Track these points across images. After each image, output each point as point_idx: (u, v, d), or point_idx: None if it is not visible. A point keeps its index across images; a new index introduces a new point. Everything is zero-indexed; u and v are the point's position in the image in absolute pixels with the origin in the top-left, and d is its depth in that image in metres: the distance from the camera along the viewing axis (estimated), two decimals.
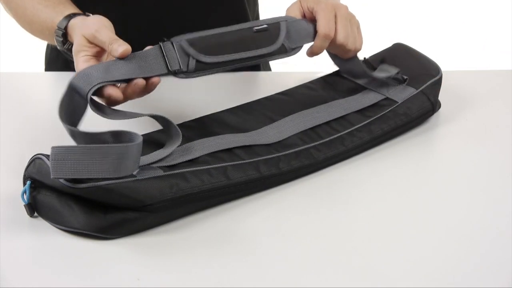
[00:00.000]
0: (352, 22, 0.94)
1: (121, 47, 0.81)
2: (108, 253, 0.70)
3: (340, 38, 0.92)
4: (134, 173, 0.72)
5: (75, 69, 0.84)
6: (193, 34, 0.84)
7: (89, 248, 0.71)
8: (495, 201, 0.81)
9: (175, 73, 0.82)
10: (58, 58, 1.21)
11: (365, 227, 0.75)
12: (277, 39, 0.88)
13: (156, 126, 0.84)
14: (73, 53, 0.86)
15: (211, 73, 0.85)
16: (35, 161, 0.74)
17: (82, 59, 0.84)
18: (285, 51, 0.89)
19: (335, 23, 0.92)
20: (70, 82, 0.77)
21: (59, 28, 0.91)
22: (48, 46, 1.25)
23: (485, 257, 0.71)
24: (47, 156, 0.73)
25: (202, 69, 0.84)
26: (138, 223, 0.73)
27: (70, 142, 0.76)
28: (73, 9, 0.94)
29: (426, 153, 0.94)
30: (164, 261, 0.70)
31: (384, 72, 0.98)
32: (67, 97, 0.77)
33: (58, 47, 0.94)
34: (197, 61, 0.83)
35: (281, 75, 0.97)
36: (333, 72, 1.03)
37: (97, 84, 0.77)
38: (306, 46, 0.93)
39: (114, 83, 0.79)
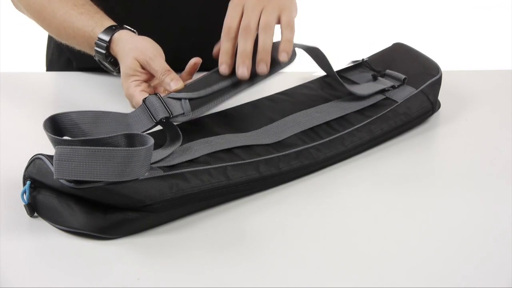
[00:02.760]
0: (265, 3, 0.87)
1: (175, 83, 0.85)
2: (108, 253, 0.70)
3: (242, 23, 0.85)
4: None
5: (126, 91, 0.88)
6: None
7: (89, 248, 0.71)
8: (495, 201, 0.81)
9: (162, 121, 0.81)
10: (60, 58, 1.21)
11: (365, 227, 0.75)
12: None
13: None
14: (122, 74, 0.89)
15: (212, 107, 0.85)
16: (35, 161, 0.74)
17: (133, 84, 0.87)
18: (276, 63, 0.89)
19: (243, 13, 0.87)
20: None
21: (101, 40, 0.92)
22: (49, 46, 1.25)
23: (485, 257, 0.71)
24: (47, 156, 0.73)
25: (199, 105, 0.84)
26: (138, 223, 0.73)
27: None
28: (110, 20, 0.96)
29: (426, 153, 0.94)
30: (164, 261, 0.70)
31: (390, 79, 0.98)
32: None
33: (96, 57, 0.96)
34: (190, 99, 0.83)
35: (281, 75, 0.97)
36: None
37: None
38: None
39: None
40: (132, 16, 0.98)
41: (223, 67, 0.87)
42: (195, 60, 0.89)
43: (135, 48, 0.89)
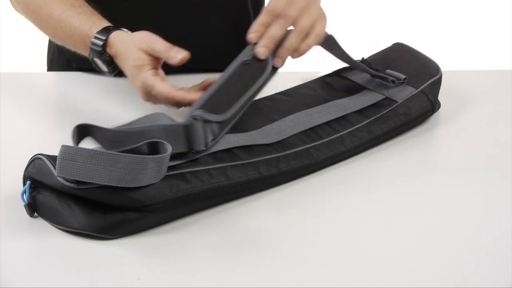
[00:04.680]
0: (309, 3, 0.89)
1: (179, 53, 0.86)
2: (108, 253, 0.70)
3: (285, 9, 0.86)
4: None
5: (143, 81, 0.87)
6: (202, 97, 0.83)
7: (89, 248, 0.71)
8: (495, 201, 0.81)
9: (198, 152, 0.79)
10: (60, 58, 1.22)
11: (365, 227, 0.76)
12: (267, 65, 0.88)
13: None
14: (131, 68, 0.89)
15: (232, 124, 0.84)
16: (35, 161, 0.74)
17: (150, 73, 0.88)
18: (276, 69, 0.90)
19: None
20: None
21: (98, 38, 0.93)
22: (50, 46, 1.25)
23: (485, 257, 0.71)
24: (47, 156, 0.73)
25: (224, 127, 0.82)
26: (138, 223, 0.73)
27: (70, 142, 0.76)
28: (107, 21, 0.96)
29: (426, 153, 0.94)
30: (164, 261, 0.70)
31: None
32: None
33: (90, 56, 0.96)
34: (217, 123, 0.81)
35: (281, 75, 0.97)
36: (333, 72, 1.03)
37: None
38: None
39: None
40: (130, 17, 0.98)
41: (252, 35, 0.88)
42: (212, 81, 0.90)
43: (135, 41, 0.90)
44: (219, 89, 0.85)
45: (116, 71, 0.95)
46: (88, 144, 0.77)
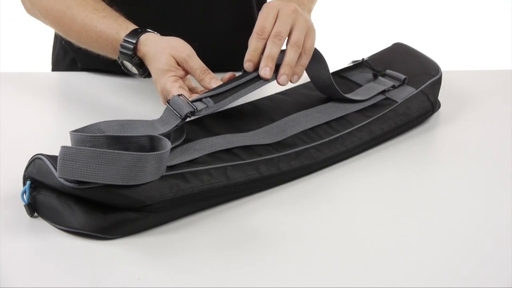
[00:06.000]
0: (297, 17, 0.88)
1: (214, 82, 0.87)
2: (108, 253, 0.70)
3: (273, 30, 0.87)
4: None
5: (162, 86, 0.88)
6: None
7: (89, 248, 0.71)
8: (495, 201, 0.81)
9: (188, 116, 0.79)
10: (65, 58, 1.21)
11: (365, 227, 0.75)
12: None
13: None
14: (156, 71, 0.90)
15: (236, 98, 0.84)
16: (35, 161, 0.74)
17: (171, 79, 0.88)
18: None
19: (276, 20, 0.88)
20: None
21: (127, 42, 0.93)
22: (55, 46, 1.25)
23: (485, 257, 0.71)
24: (47, 156, 0.73)
25: (221, 99, 0.83)
26: (138, 223, 0.73)
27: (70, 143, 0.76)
28: (133, 24, 0.96)
29: (426, 153, 0.94)
30: (164, 261, 0.70)
31: (390, 78, 0.98)
32: None
33: (120, 59, 0.95)
34: (210, 96, 0.83)
35: None
36: (333, 72, 1.03)
37: None
38: None
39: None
40: (135, 20, 0.98)
41: (249, 64, 0.88)
42: (229, 75, 0.90)
43: (169, 46, 0.90)
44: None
45: (146, 73, 0.95)
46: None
